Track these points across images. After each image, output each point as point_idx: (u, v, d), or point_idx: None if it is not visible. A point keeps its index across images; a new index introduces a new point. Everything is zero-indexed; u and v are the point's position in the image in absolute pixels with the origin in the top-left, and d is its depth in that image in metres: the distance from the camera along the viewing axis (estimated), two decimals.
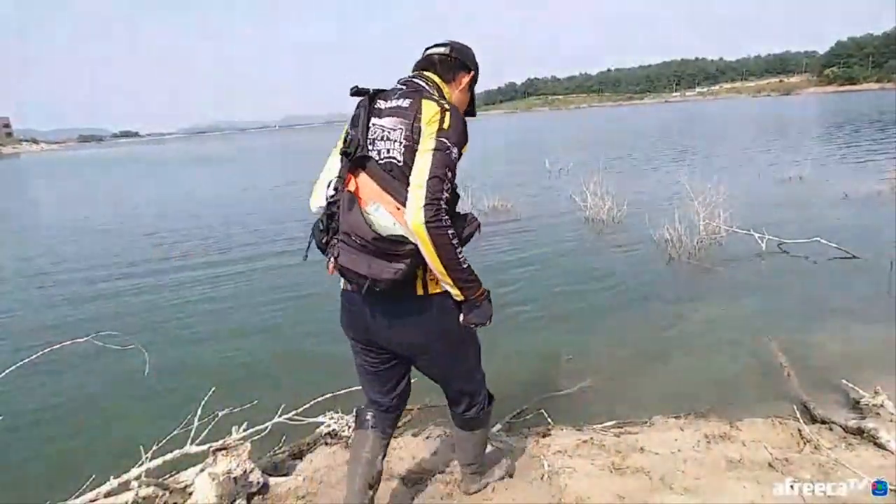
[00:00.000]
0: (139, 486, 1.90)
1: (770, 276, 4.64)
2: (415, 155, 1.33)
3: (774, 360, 2.94)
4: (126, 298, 5.14)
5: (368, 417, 1.68)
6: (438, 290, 1.43)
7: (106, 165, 33.87)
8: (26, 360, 2.15)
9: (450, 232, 1.30)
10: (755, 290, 4.34)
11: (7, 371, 2.04)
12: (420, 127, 1.35)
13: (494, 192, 8.67)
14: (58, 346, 2.24)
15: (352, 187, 1.35)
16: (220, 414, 2.29)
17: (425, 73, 1.54)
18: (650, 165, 12.78)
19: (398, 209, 1.30)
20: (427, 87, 1.47)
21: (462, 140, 1.37)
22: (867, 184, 7.70)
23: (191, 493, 1.94)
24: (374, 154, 1.38)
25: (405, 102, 1.40)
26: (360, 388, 1.73)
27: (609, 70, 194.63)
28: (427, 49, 1.60)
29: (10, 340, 4.27)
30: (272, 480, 2.05)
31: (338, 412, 2.44)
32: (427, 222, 1.26)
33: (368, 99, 1.44)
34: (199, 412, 2.21)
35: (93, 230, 9.18)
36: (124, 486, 1.92)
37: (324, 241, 1.38)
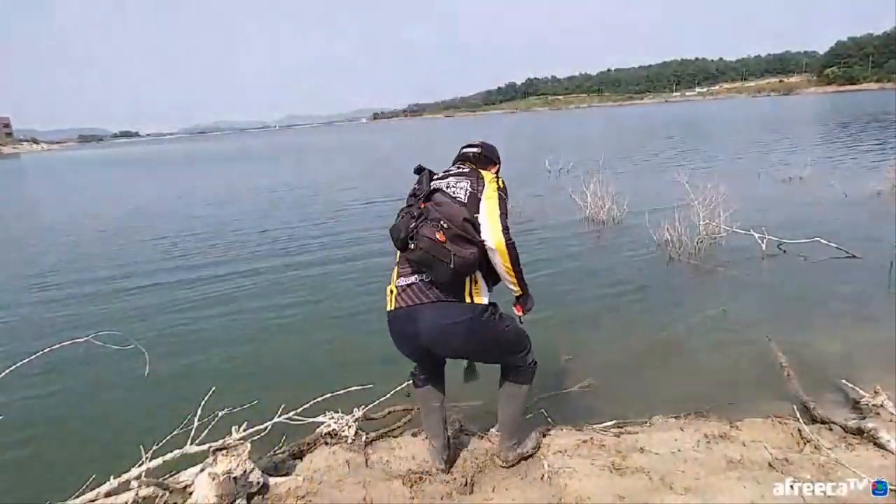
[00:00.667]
0: (139, 486, 1.90)
1: (770, 276, 4.64)
2: (474, 199, 1.84)
3: (774, 360, 2.94)
4: (126, 298, 5.14)
5: (423, 377, 2.10)
6: (480, 302, 1.84)
7: (131, 166, 31.87)
8: (26, 360, 2.15)
9: (516, 246, 1.83)
10: (755, 290, 4.34)
11: (7, 371, 2.04)
12: (483, 183, 1.91)
13: None
14: (58, 346, 2.24)
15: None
16: (220, 414, 2.28)
17: (465, 163, 2.08)
18: (650, 165, 12.78)
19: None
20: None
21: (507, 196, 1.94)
22: (867, 184, 7.69)
23: (191, 493, 1.95)
24: (441, 189, 1.87)
25: (465, 168, 1.98)
26: (359, 388, 1.81)
27: (609, 70, 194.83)
28: (463, 147, 2.14)
29: (11, 340, 4.27)
30: (272, 480, 2.05)
31: (338, 412, 2.44)
32: (507, 242, 1.79)
33: (429, 173, 1.96)
34: (199, 412, 2.21)
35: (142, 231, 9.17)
36: (124, 486, 1.92)
37: (412, 226, 1.75)
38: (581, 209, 7.23)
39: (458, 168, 1.99)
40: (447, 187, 1.87)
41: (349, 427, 2.37)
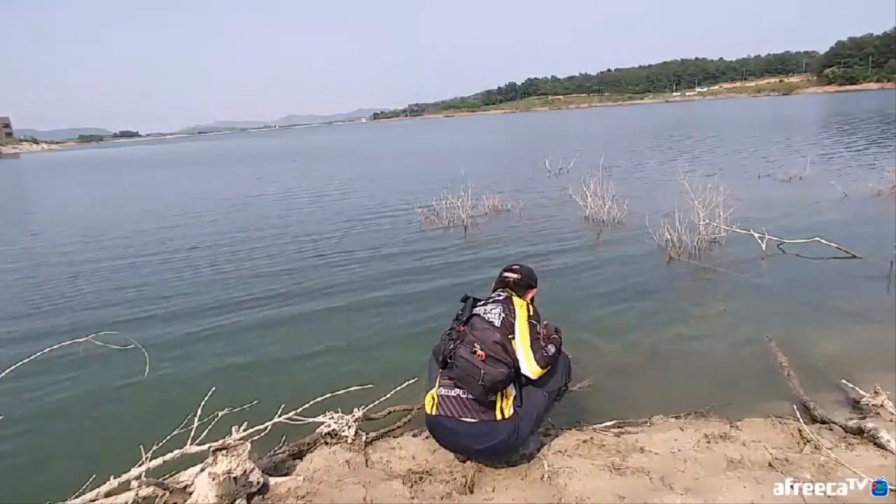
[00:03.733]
0: (139, 486, 1.90)
1: (770, 276, 4.64)
2: (507, 323, 2.08)
3: (774, 360, 2.94)
4: (127, 299, 5.14)
5: None
6: (509, 416, 2.00)
7: (134, 166, 31.20)
8: (26, 360, 2.15)
9: (553, 357, 2.11)
10: (755, 290, 4.34)
11: (7, 371, 2.04)
12: (515, 309, 2.14)
13: (494, 191, 8.68)
14: (58, 346, 2.25)
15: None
16: (220, 414, 2.29)
17: (504, 289, 2.32)
18: (650, 165, 12.78)
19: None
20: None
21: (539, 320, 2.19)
22: (867, 184, 7.69)
23: (191, 493, 1.95)
24: (479, 315, 2.14)
25: (501, 297, 2.23)
26: (359, 388, 1.89)
27: (609, 70, 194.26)
28: (503, 272, 2.40)
29: (11, 340, 4.26)
30: (272, 480, 2.06)
31: (338, 412, 2.44)
32: (542, 367, 2.05)
33: (472, 301, 2.23)
34: (199, 412, 2.21)
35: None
36: (124, 486, 1.92)
37: (450, 347, 2.03)
38: (581, 209, 7.23)
39: (498, 294, 2.27)
40: (484, 313, 2.13)
41: (349, 427, 2.37)
